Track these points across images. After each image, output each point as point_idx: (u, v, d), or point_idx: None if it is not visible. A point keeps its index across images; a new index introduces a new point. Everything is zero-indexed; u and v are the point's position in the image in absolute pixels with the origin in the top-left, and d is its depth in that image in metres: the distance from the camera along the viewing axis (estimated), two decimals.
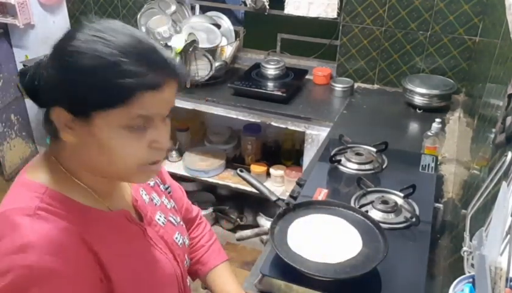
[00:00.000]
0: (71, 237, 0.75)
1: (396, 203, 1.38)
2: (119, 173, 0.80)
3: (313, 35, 2.73)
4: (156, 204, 0.98)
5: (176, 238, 0.98)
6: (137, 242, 0.88)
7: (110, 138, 0.74)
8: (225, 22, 2.75)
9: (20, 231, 0.72)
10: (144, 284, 0.86)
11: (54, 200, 0.77)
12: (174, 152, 2.80)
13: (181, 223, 1.05)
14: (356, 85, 2.53)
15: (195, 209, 1.22)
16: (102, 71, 0.70)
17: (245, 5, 2.70)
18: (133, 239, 0.87)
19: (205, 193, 3.01)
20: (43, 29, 2.96)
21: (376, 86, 2.55)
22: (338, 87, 2.44)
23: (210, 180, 2.71)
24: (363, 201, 1.42)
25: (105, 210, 0.84)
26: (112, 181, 0.86)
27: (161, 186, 1.05)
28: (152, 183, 1.01)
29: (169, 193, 1.07)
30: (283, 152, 2.77)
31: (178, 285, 0.96)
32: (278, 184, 2.62)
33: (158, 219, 0.95)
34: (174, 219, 1.01)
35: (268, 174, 2.66)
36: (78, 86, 0.71)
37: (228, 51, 2.68)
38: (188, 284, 1.05)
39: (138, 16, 2.73)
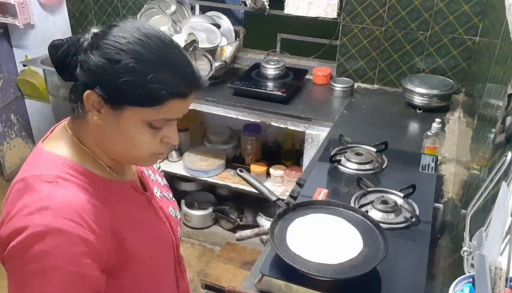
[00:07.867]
0: (87, 206, 0.81)
1: (396, 203, 1.38)
2: (131, 158, 0.90)
3: (313, 35, 2.73)
4: (153, 180, 1.07)
5: (170, 211, 1.05)
6: (144, 210, 0.96)
7: (133, 130, 0.83)
8: (225, 22, 2.75)
9: (39, 195, 0.79)
10: (151, 250, 0.94)
11: (73, 170, 0.84)
12: (174, 152, 2.80)
13: (173, 199, 1.11)
14: (356, 85, 2.53)
15: None
16: (142, 73, 0.79)
17: (245, 5, 2.70)
18: (140, 208, 0.95)
19: (205, 193, 3.01)
20: (43, 29, 2.96)
21: (376, 86, 2.55)
22: (338, 87, 2.44)
23: (210, 180, 2.71)
24: (363, 201, 1.42)
25: (115, 180, 0.91)
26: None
27: (155, 165, 1.12)
28: None
29: (162, 172, 1.15)
30: (283, 152, 2.77)
31: (173, 254, 1.04)
32: (278, 184, 2.62)
33: (156, 192, 1.04)
34: (167, 195, 1.09)
35: (268, 174, 2.66)
36: (118, 81, 0.79)
37: (228, 51, 2.67)
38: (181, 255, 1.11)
39: (138, 16, 2.73)
